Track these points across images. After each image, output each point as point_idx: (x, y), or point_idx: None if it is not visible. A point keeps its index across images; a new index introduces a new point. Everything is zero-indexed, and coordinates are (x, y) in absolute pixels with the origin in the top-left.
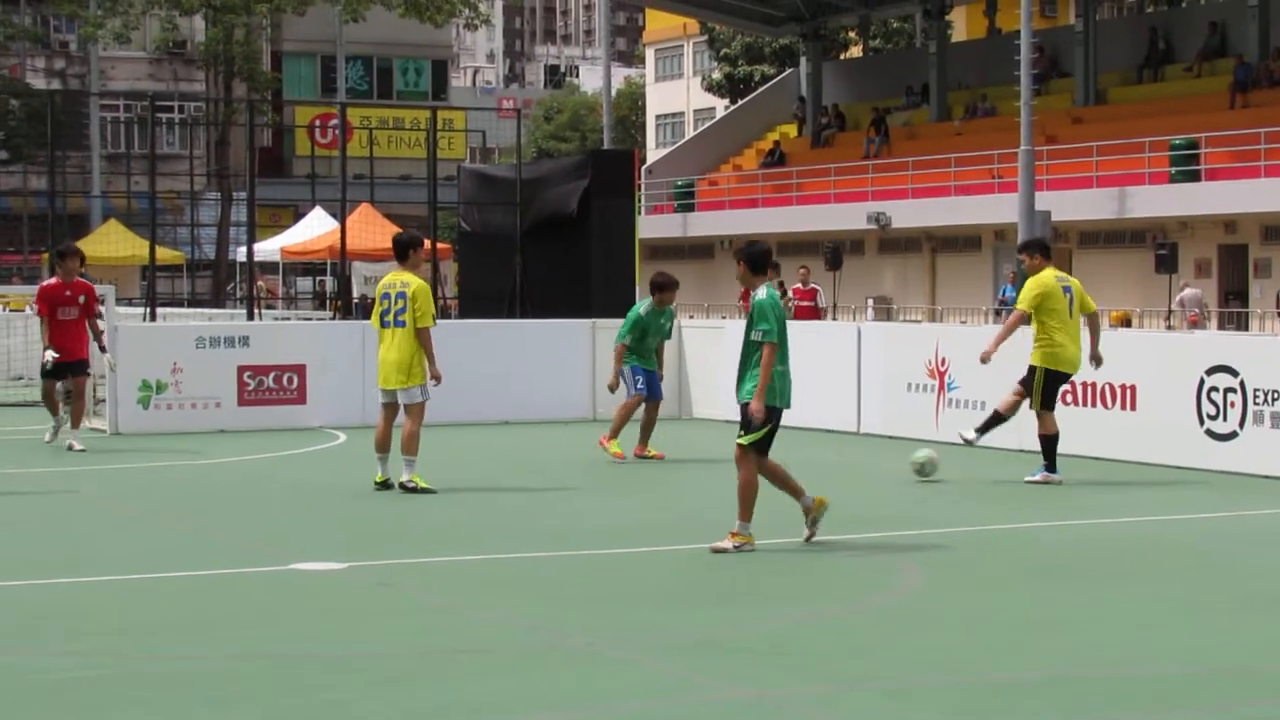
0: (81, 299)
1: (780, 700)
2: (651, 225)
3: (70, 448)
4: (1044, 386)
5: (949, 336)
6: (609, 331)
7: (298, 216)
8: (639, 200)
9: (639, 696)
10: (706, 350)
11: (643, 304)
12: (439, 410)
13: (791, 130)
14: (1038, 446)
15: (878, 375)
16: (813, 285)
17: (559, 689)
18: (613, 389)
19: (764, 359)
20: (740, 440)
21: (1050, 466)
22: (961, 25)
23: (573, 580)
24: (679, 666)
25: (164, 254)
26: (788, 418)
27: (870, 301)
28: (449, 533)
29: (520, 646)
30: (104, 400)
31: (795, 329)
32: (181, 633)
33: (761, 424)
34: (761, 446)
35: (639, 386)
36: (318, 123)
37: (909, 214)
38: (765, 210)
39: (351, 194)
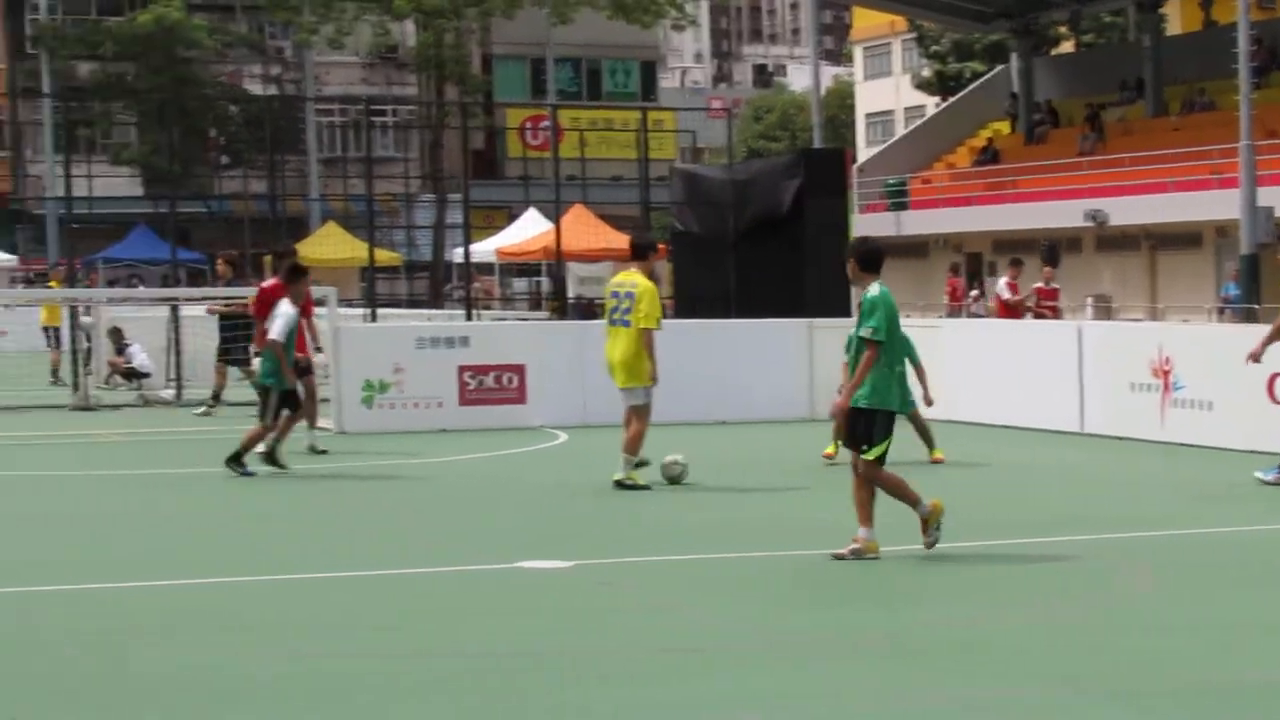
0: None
1: (999, 702)
2: (865, 224)
3: (313, 448)
4: None
5: (1173, 335)
6: (825, 331)
7: (511, 218)
8: (851, 199)
9: (855, 697)
10: (924, 350)
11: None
12: (655, 411)
13: (1004, 127)
14: (1270, 446)
15: (1100, 375)
16: (1054, 286)
17: (774, 689)
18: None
19: (865, 357)
20: (866, 457)
21: None
22: (1176, 18)
23: (785, 580)
24: (894, 666)
25: (382, 255)
26: (1008, 416)
27: (1090, 300)
28: (669, 532)
29: (736, 646)
30: (328, 400)
31: (1020, 328)
32: (408, 630)
33: (885, 433)
34: (884, 457)
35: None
36: (529, 125)
37: (1126, 211)
38: (979, 208)
39: (565, 195)
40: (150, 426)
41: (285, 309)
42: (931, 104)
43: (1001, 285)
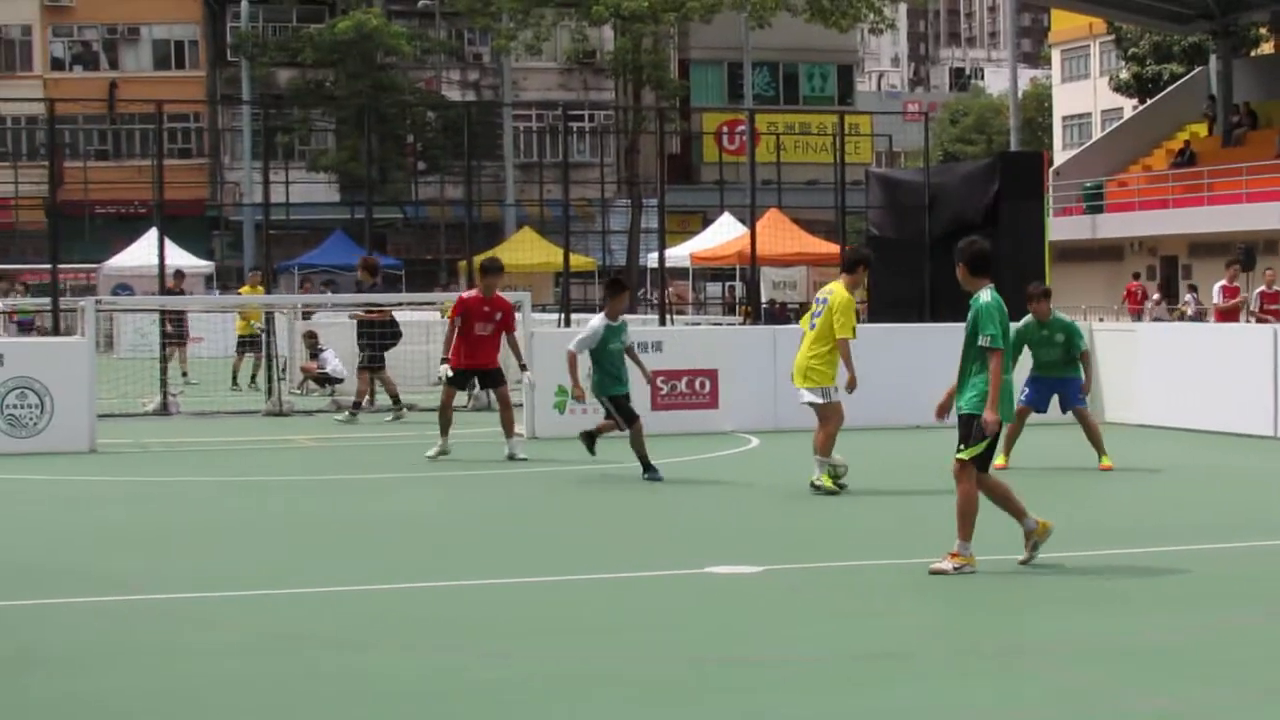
0: (498, 315)
1: (1198, 708)
2: (1060, 227)
3: (512, 457)
4: None
5: None
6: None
7: (706, 222)
8: (1048, 202)
9: (1056, 704)
10: (1118, 353)
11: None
12: (852, 415)
13: (1202, 129)
14: None
15: None
16: (1278, 288)
17: (974, 697)
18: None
19: (992, 367)
20: (960, 455)
21: None
22: None
23: (982, 586)
24: (1093, 674)
25: (576, 261)
26: (1200, 420)
27: None
28: (856, 536)
29: (926, 653)
30: (520, 405)
31: (1214, 331)
32: (598, 634)
33: (986, 436)
34: (982, 461)
35: (1024, 397)
36: (725, 129)
37: None
38: (1175, 211)
39: (760, 199)
40: (342, 432)
41: (595, 322)
42: (1129, 106)
43: (1216, 289)
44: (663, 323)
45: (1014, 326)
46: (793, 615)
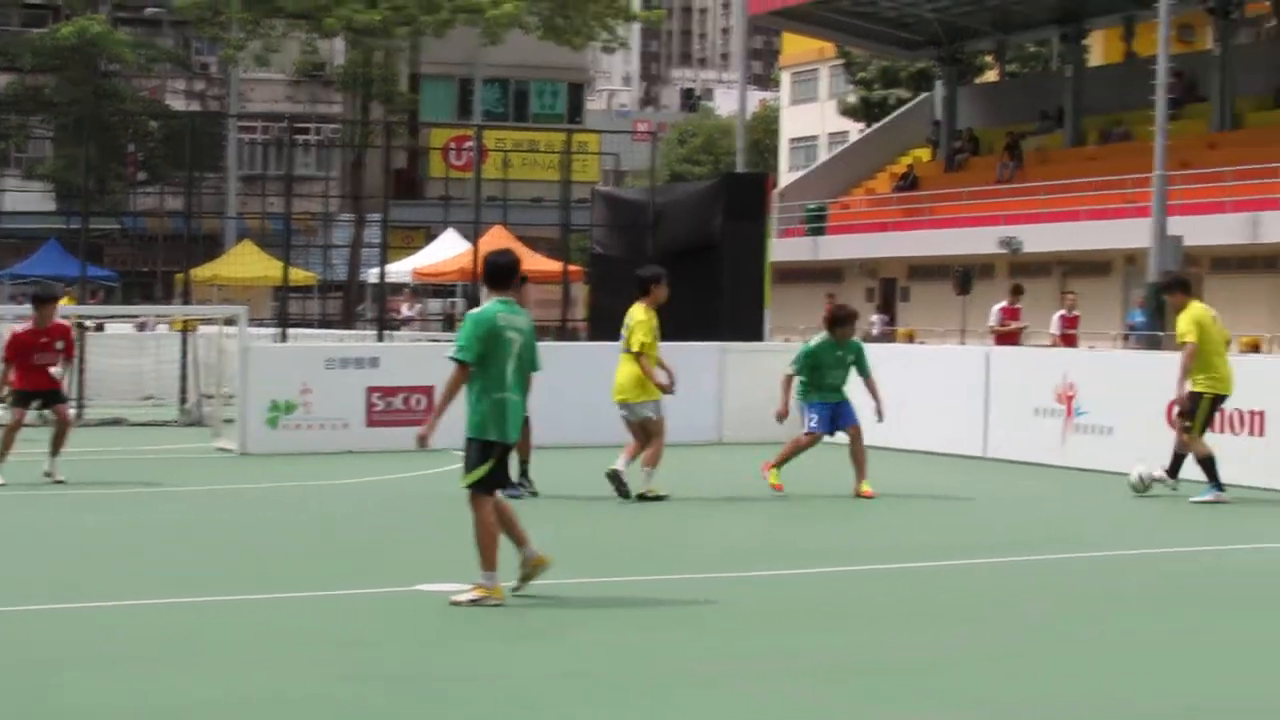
0: (59, 344)
1: None
2: (782, 249)
3: (50, 475)
4: (1209, 412)
5: (1078, 362)
6: (737, 355)
7: (430, 238)
8: (771, 224)
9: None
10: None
11: (816, 338)
12: (565, 432)
13: (925, 154)
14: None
15: (1006, 400)
16: (1076, 313)
17: (686, 715)
18: (779, 418)
19: (448, 380)
20: (463, 482)
21: (1218, 485)
22: (1098, 49)
23: (685, 602)
24: (806, 691)
25: (296, 275)
26: (916, 440)
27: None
28: (568, 554)
29: (635, 672)
30: (232, 420)
31: (929, 353)
32: (325, 651)
33: (477, 461)
34: (486, 485)
35: (812, 424)
36: (453, 145)
37: (1040, 238)
38: (896, 234)
39: (485, 216)
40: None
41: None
42: (856, 130)
43: (994, 311)
44: (380, 339)
45: (809, 347)
46: (492, 632)
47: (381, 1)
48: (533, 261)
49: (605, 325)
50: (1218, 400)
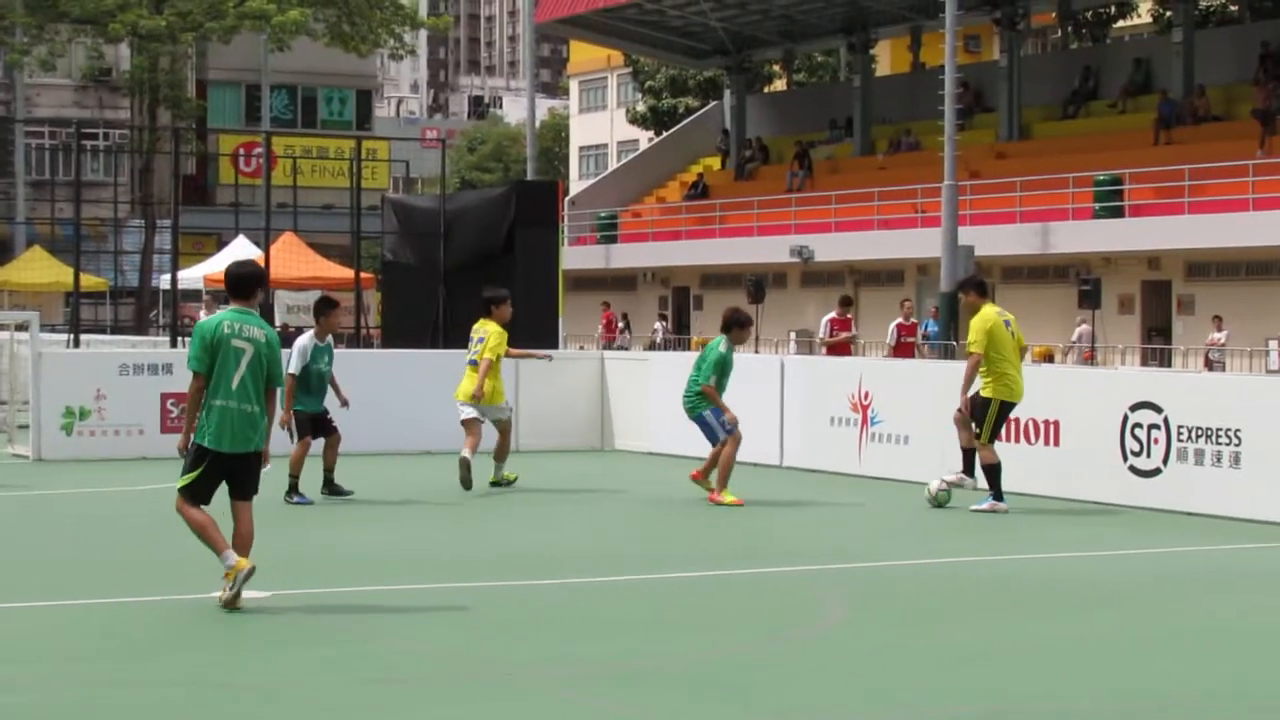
0: None
1: None
2: (575, 256)
3: None
4: (996, 418)
5: (872, 370)
6: (530, 363)
7: (221, 244)
8: (562, 231)
9: None
10: (629, 383)
11: (720, 343)
12: (358, 439)
13: (715, 163)
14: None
15: (801, 408)
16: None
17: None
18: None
19: (189, 391)
20: (178, 483)
21: (997, 495)
22: (886, 60)
23: (488, 610)
24: (599, 698)
25: (88, 281)
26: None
27: (793, 334)
28: (365, 562)
29: (438, 677)
30: (26, 426)
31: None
32: (117, 659)
33: (189, 467)
34: (193, 492)
35: (729, 427)
36: (242, 151)
37: (832, 247)
38: (688, 243)
39: (275, 223)
40: None
41: (303, 340)
42: (645, 138)
43: (824, 322)
44: (174, 345)
45: (719, 353)
46: (298, 640)
47: (166, 7)
48: (325, 268)
49: (399, 332)
50: (1007, 407)
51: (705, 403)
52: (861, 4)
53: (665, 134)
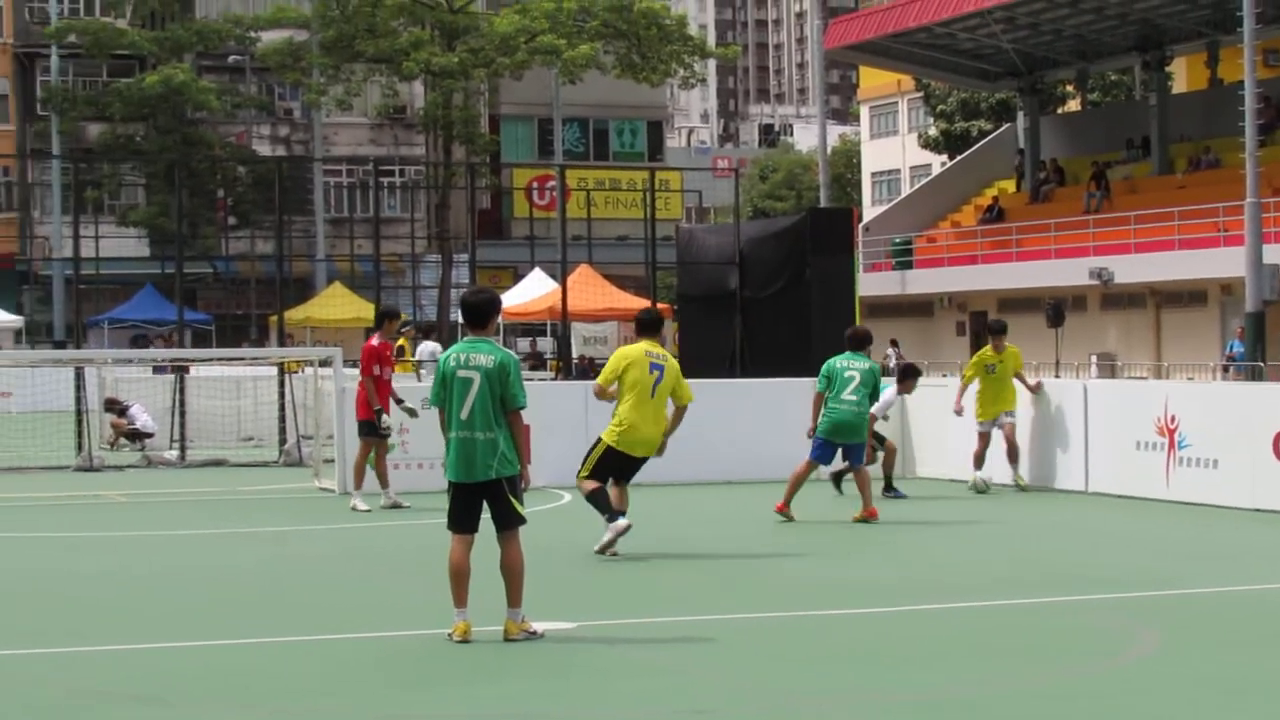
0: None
1: None
2: (870, 283)
3: (354, 508)
4: None
5: (1178, 393)
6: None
7: (517, 278)
8: (858, 258)
9: None
10: (926, 407)
11: (878, 366)
12: (664, 471)
13: (1010, 186)
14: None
15: (1105, 433)
16: None
17: None
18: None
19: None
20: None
21: None
22: (1182, 76)
23: (797, 641)
24: None
25: None
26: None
27: (1094, 358)
28: (674, 594)
29: (749, 710)
30: (333, 460)
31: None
32: (426, 688)
33: (449, 501)
34: (451, 521)
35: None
36: (535, 185)
37: (1132, 269)
38: (984, 267)
39: (570, 255)
40: (153, 487)
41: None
42: (937, 163)
43: None
44: None
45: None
46: (602, 671)
47: (459, 44)
48: (620, 299)
49: (695, 362)
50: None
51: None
52: (1156, 21)
53: (958, 158)
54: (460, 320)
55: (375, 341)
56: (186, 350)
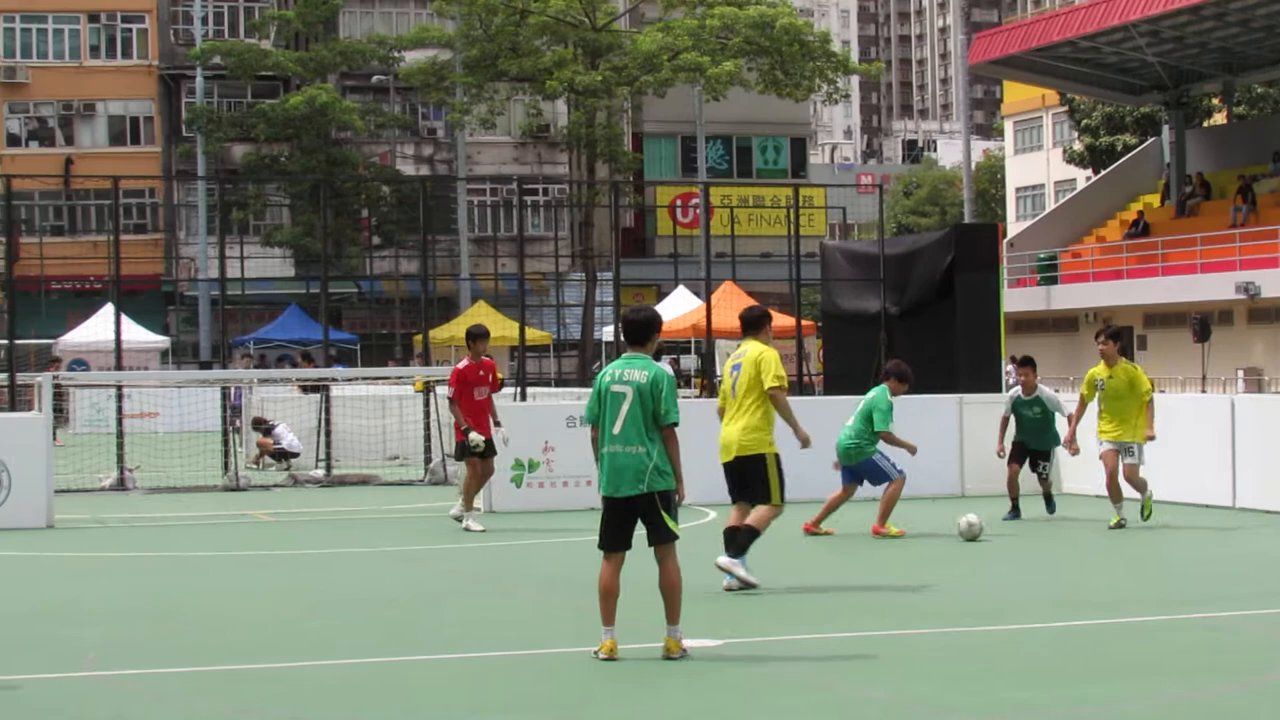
0: (490, 377)
1: None
2: (1015, 299)
3: (468, 529)
4: None
5: None
6: (974, 407)
7: (661, 295)
8: (1002, 273)
9: None
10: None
11: (885, 389)
12: (802, 487)
13: (1155, 200)
14: None
15: (1254, 448)
16: None
17: None
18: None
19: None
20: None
21: None
22: None
23: (944, 657)
24: None
25: (532, 334)
26: (1160, 490)
27: (1240, 373)
28: (809, 609)
29: None
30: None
31: (1175, 402)
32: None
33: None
34: (602, 539)
35: (899, 469)
36: (679, 202)
37: (1279, 283)
38: (1130, 282)
39: (714, 272)
40: (299, 506)
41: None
42: (1082, 177)
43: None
44: None
45: (889, 400)
46: (756, 688)
47: (602, 63)
48: None
49: (839, 379)
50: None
51: (871, 447)
52: None
53: (1103, 172)
54: (612, 338)
55: (463, 364)
56: (327, 369)
